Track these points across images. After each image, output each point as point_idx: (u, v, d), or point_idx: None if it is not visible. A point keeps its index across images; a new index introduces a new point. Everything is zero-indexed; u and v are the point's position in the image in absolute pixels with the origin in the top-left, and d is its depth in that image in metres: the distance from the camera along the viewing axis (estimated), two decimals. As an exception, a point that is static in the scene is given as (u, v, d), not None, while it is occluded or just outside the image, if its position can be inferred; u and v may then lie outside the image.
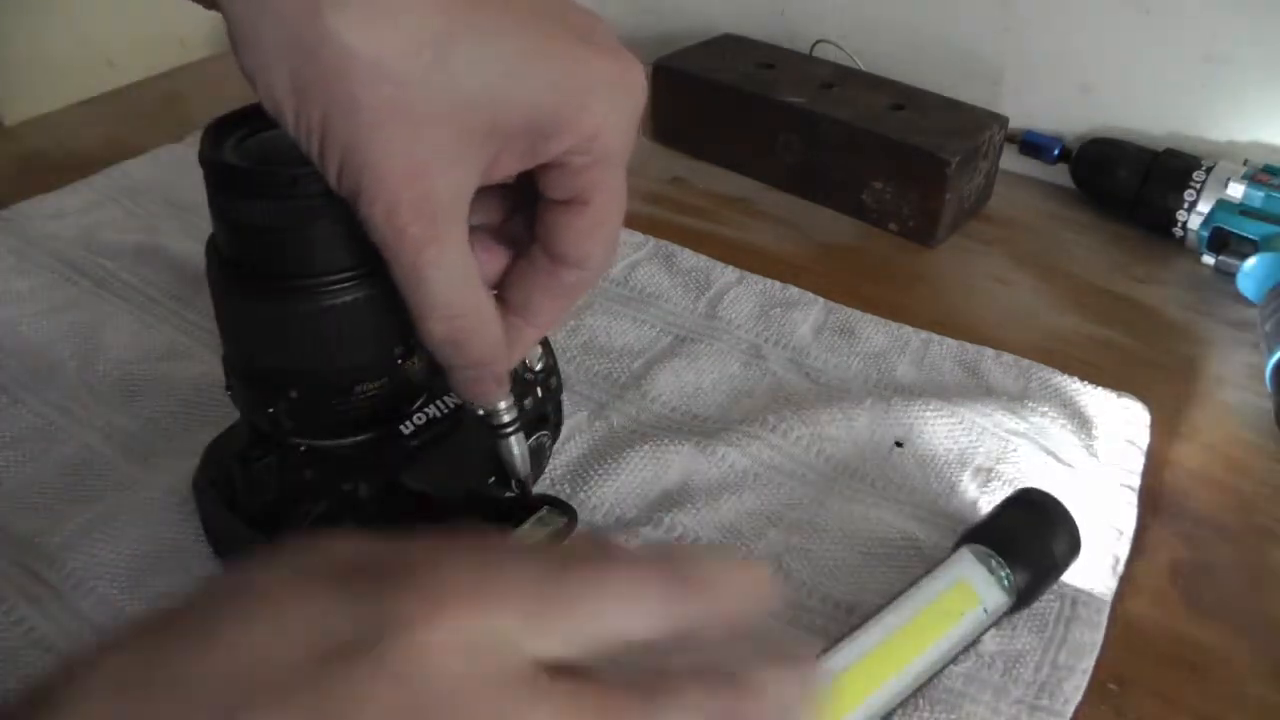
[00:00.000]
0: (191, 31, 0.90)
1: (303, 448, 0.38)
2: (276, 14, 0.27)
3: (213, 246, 0.36)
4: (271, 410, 0.37)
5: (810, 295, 0.62)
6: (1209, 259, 0.68)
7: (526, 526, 0.37)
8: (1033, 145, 0.78)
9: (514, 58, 0.29)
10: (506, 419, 0.37)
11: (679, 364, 0.56)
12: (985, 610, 0.40)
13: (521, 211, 0.35)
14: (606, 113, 0.31)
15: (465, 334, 0.33)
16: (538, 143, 0.31)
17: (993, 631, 0.42)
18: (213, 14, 0.29)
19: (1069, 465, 0.50)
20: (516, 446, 0.38)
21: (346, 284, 0.34)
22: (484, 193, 0.33)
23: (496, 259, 0.36)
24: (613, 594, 0.23)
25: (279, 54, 0.28)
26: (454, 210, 0.31)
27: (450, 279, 0.32)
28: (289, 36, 0.27)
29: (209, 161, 0.34)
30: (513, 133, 0.30)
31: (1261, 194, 0.66)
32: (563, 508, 0.38)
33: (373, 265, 0.33)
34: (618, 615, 0.23)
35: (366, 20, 0.27)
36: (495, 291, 0.36)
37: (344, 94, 0.28)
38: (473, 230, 0.34)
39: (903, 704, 0.38)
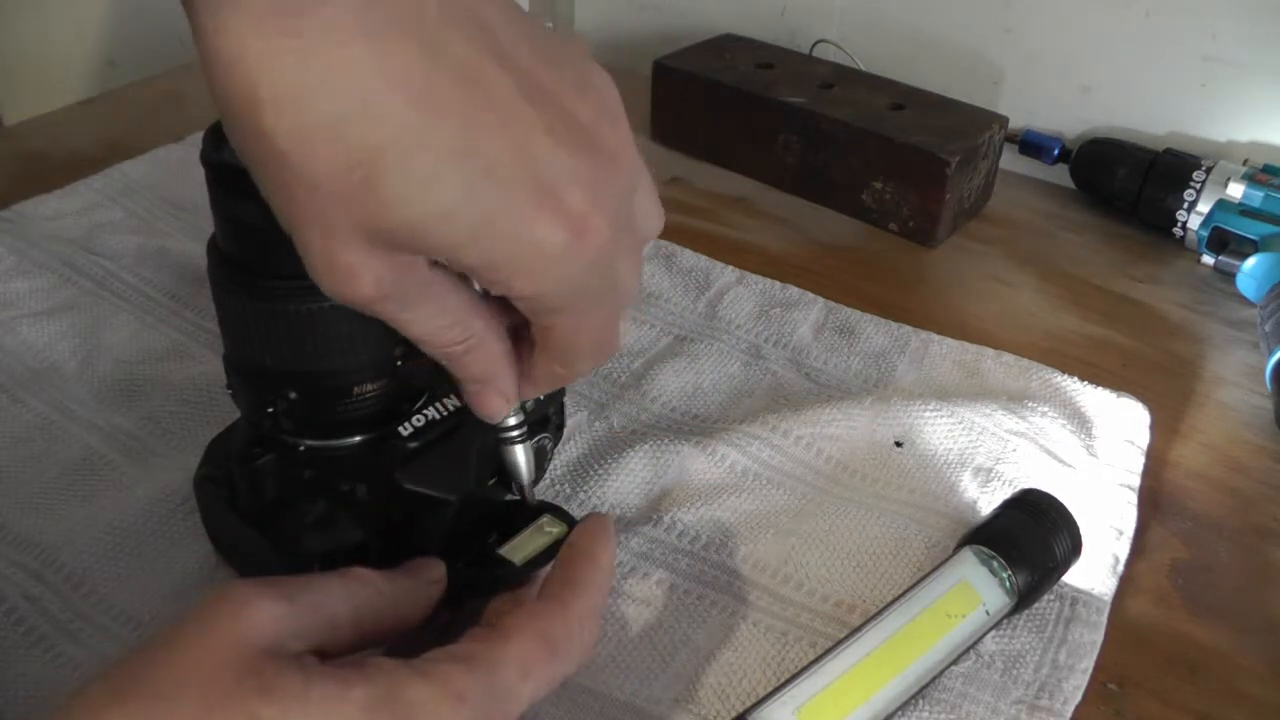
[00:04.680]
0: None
1: (302, 447, 0.38)
2: (226, 82, 0.26)
3: (214, 246, 0.36)
4: (271, 410, 0.37)
5: (810, 295, 0.62)
6: (1209, 259, 0.68)
7: (525, 533, 0.37)
8: (1033, 145, 0.78)
9: (446, 202, 0.27)
10: (513, 422, 0.37)
11: (679, 364, 0.56)
12: (987, 611, 0.40)
13: None
14: (543, 279, 0.29)
15: (456, 357, 0.32)
16: (475, 276, 0.30)
17: (992, 631, 0.42)
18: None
19: (1069, 465, 0.50)
20: (522, 454, 0.38)
21: None
22: None
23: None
24: None
25: (226, 115, 0.27)
26: (399, 288, 0.29)
27: (424, 325, 0.30)
28: (233, 108, 0.26)
29: (211, 162, 0.34)
30: (448, 261, 0.29)
31: (1261, 194, 0.66)
32: (562, 515, 0.38)
33: None
34: None
35: (303, 132, 0.26)
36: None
37: (273, 184, 0.27)
38: None
39: (901, 703, 0.38)
